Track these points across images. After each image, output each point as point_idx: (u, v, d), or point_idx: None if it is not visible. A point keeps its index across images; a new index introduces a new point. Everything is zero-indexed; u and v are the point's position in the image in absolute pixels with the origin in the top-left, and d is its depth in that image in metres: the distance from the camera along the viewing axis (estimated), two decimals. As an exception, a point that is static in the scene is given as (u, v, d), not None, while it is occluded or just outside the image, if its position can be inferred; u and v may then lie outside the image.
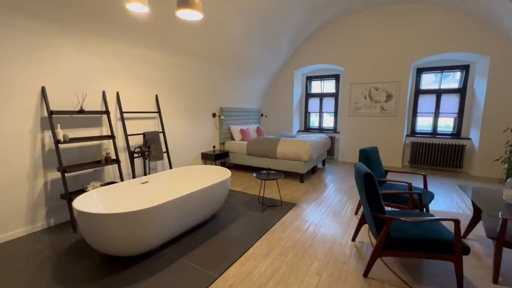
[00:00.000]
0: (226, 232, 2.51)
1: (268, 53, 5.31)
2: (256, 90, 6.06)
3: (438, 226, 1.88)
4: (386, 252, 1.80)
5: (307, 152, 4.06)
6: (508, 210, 1.86)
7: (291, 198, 3.47)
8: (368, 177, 1.83)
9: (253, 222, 2.74)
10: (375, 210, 1.85)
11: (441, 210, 3.10)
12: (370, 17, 5.26)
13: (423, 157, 5.20)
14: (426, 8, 4.75)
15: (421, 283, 1.79)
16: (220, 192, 2.63)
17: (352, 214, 2.97)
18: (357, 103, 5.65)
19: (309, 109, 6.75)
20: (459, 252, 1.66)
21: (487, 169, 4.64)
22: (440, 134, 5.29)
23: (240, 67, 5.03)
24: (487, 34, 4.36)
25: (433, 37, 4.76)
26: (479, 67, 4.71)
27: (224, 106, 5.05)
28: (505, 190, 2.00)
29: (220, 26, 3.82)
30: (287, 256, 2.12)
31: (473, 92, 4.88)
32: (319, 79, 6.49)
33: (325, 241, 2.36)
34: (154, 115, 3.67)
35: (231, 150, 4.86)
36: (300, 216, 2.92)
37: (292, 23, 4.87)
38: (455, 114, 5.13)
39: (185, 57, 3.82)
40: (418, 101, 5.40)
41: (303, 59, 6.16)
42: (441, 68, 5.12)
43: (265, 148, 4.44)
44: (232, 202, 3.30)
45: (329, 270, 1.94)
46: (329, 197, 3.53)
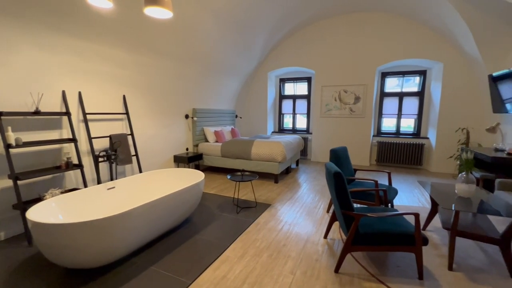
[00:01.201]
0: (199, 236, 2.45)
1: (242, 55, 5.32)
2: (230, 91, 6.03)
3: (401, 220, 2.01)
4: (355, 247, 1.89)
5: (281, 153, 4.13)
6: (460, 203, 2.04)
7: (266, 199, 3.49)
8: (337, 176, 1.90)
9: (228, 224, 2.71)
10: (344, 207, 1.93)
11: (404, 205, 3.32)
12: (338, 24, 5.50)
13: (388, 155, 5.55)
14: (388, 16, 5.09)
15: (386, 274, 1.90)
16: (193, 195, 2.56)
17: (324, 212, 3.07)
18: (328, 105, 5.88)
19: (283, 111, 6.87)
20: (419, 244, 1.80)
21: (443, 165, 5.08)
22: (403, 134, 5.69)
23: (213, 68, 4.97)
24: (441, 42, 4.79)
25: (395, 44, 5.12)
26: (435, 73, 5.16)
27: (197, 107, 4.95)
28: (457, 184, 2.21)
29: (192, 26, 3.74)
30: (262, 257, 2.12)
31: (430, 95, 5.33)
32: (292, 81, 6.64)
33: (298, 240, 2.41)
34: (122, 116, 3.48)
35: (205, 152, 4.78)
36: (275, 216, 2.95)
37: (266, 26, 4.93)
38: (415, 115, 5.55)
39: (155, 56, 3.68)
40: (383, 103, 5.76)
41: (276, 61, 6.26)
42: (403, 72, 5.52)
43: (239, 149, 4.43)
44: (206, 205, 3.24)
45: (303, 268, 1.99)
46: (302, 197, 3.62)
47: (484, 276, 1.87)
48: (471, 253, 2.17)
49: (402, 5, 4.59)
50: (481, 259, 2.09)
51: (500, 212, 1.87)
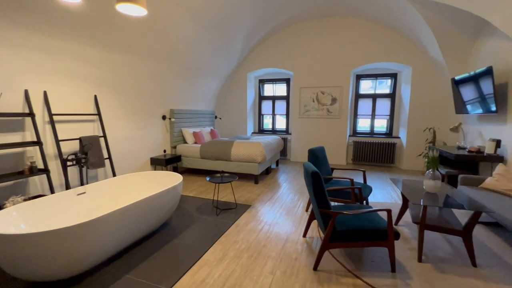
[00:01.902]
0: (177, 241, 2.38)
1: (220, 55, 5.27)
2: (209, 92, 5.95)
3: (375, 216, 2.10)
4: (333, 244, 1.94)
5: (261, 153, 4.14)
6: (428, 198, 2.18)
7: (246, 200, 3.48)
8: (315, 176, 1.94)
9: (207, 227, 2.66)
10: (322, 206, 1.97)
11: (379, 202, 3.47)
12: (316, 27, 5.64)
13: (364, 154, 5.78)
14: (362, 22, 5.31)
15: (362, 269, 1.97)
16: (170, 198, 2.49)
17: (303, 211, 3.12)
18: (306, 106, 6.00)
19: (262, 111, 6.90)
20: (391, 238, 1.88)
21: (413, 163, 5.39)
22: (376, 134, 5.96)
23: (191, 68, 4.87)
24: (410, 47, 5.09)
25: (368, 48, 5.35)
26: (404, 75, 5.46)
27: (175, 108, 4.82)
28: (425, 181, 2.35)
29: (168, 24, 3.64)
30: (242, 259, 2.11)
31: (400, 97, 5.63)
32: (271, 82, 6.70)
33: (278, 240, 2.43)
34: (93, 117, 3.30)
35: (184, 154, 4.67)
36: (255, 217, 2.95)
37: (244, 26, 4.93)
38: (387, 116, 5.84)
39: (129, 54, 3.53)
40: (358, 104, 6.00)
41: (255, 62, 6.28)
42: (376, 75, 5.79)
43: (219, 150, 4.38)
44: (184, 208, 3.16)
45: (282, 267, 2.00)
46: (282, 196, 3.65)
47: (449, 266, 2.01)
48: (438, 245, 2.31)
49: (375, 12, 4.82)
50: (447, 250, 2.23)
51: (463, 206, 2.02)
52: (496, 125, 3.57)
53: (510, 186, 2.61)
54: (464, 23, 3.86)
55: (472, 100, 3.77)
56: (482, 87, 3.47)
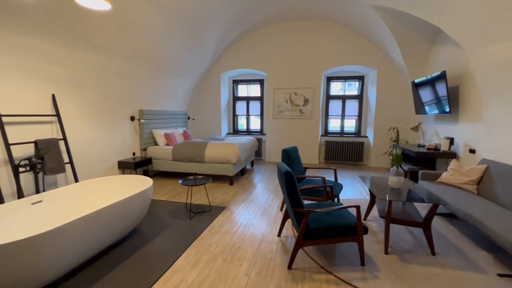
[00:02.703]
0: (148, 248, 2.27)
1: (193, 54, 5.14)
2: (182, 92, 5.78)
3: (345, 213, 2.18)
4: (306, 242, 1.97)
5: (235, 154, 4.11)
6: (392, 193, 2.31)
7: (221, 202, 3.43)
8: (288, 176, 1.97)
9: (180, 231, 2.57)
10: (295, 205, 2.00)
11: (349, 198, 3.63)
12: (288, 29, 5.75)
13: (335, 153, 6.01)
14: (332, 25, 5.52)
15: (334, 264, 2.04)
16: (139, 204, 2.36)
17: (278, 211, 3.15)
18: (280, 107, 6.09)
19: (236, 112, 6.87)
20: (360, 233, 1.97)
21: (379, 161, 5.72)
22: (346, 134, 6.24)
23: (162, 67, 4.69)
24: (375, 51, 5.40)
25: (338, 51, 5.58)
26: (371, 78, 5.78)
27: (144, 109, 4.61)
28: (390, 177, 2.49)
29: (136, 21, 3.47)
30: (216, 262, 2.07)
31: (367, 98, 5.95)
32: (245, 83, 6.69)
33: (253, 241, 2.42)
34: (51, 118, 3.03)
35: (155, 156, 4.48)
36: (230, 218, 2.91)
37: (217, 26, 4.86)
38: (356, 116, 6.13)
39: (93, 51, 3.29)
40: (329, 105, 6.23)
41: (229, 63, 6.23)
42: (345, 77, 6.05)
43: (192, 152, 4.27)
44: (156, 213, 3.03)
45: (257, 268, 2.00)
46: (257, 197, 3.66)
47: (412, 256, 2.15)
48: (402, 237, 2.47)
49: (343, 17, 5.03)
50: (410, 241, 2.39)
51: (424, 199, 2.18)
52: (450, 125, 3.92)
53: (462, 180, 2.87)
54: (422, 30, 4.19)
55: (430, 102, 4.10)
56: (438, 90, 3.79)
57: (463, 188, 2.85)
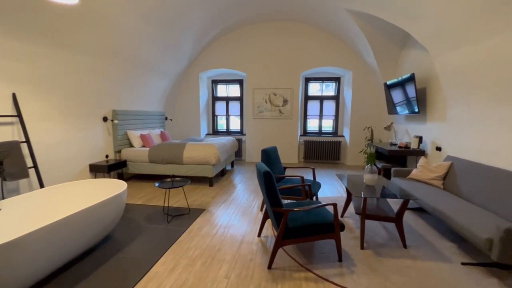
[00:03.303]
0: (122, 254, 2.16)
1: (170, 53, 4.99)
2: (158, 92, 5.59)
3: (323, 211, 2.22)
4: (286, 241, 1.99)
5: (215, 155, 4.06)
6: (367, 191, 2.40)
7: (200, 204, 3.36)
8: (267, 176, 1.97)
9: (157, 236, 2.48)
10: (274, 205, 2.01)
11: (327, 196, 3.72)
12: (267, 30, 5.79)
13: (313, 153, 6.14)
14: (310, 28, 5.63)
15: (313, 262, 2.07)
16: (112, 209, 2.24)
17: (258, 211, 3.15)
18: (260, 107, 6.11)
19: (216, 112, 6.79)
20: (337, 230, 2.02)
21: (355, 159, 5.94)
22: (324, 133, 6.40)
23: (137, 66, 4.50)
24: (351, 53, 5.59)
25: (315, 53, 5.70)
26: (346, 79, 5.98)
27: (118, 109, 4.40)
28: (365, 175, 2.59)
29: (107, 16, 3.29)
30: (195, 266, 2.02)
31: (344, 99, 6.15)
32: (225, 83, 6.64)
33: (233, 242, 2.40)
34: (12, 119, 2.79)
35: (130, 159, 4.29)
36: (209, 221, 2.86)
37: (194, 25, 4.76)
38: (333, 116, 6.32)
39: (60, 47, 3.08)
40: (307, 105, 6.35)
41: (208, 62, 6.14)
42: (322, 78, 6.21)
43: (170, 153, 4.15)
44: (131, 218, 2.90)
45: (237, 270, 1.98)
46: (237, 198, 3.63)
47: (386, 249, 2.25)
48: (377, 232, 2.57)
49: (319, 20, 5.16)
50: (384, 235, 2.50)
51: (397, 195, 2.28)
52: (419, 124, 4.16)
53: (430, 176, 3.06)
54: (393, 35, 4.41)
55: (401, 102, 4.33)
56: (408, 91, 4.00)
57: (431, 183, 3.03)
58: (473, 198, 2.51)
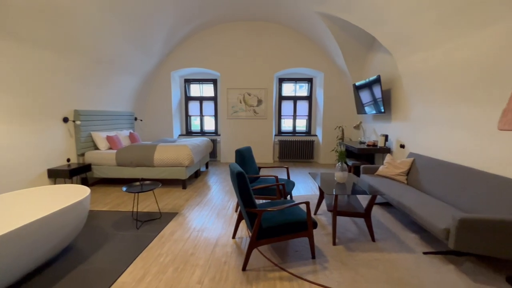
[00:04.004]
0: (85, 266, 2.00)
1: (139, 51, 4.75)
2: (127, 91, 5.30)
3: (296, 209, 2.25)
4: (260, 242, 1.98)
5: (188, 156, 3.94)
6: (338, 188, 2.48)
7: (172, 207, 3.24)
8: (240, 176, 1.94)
9: (125, 244, 2.34)
10: (248, 205, 1.99)
11: (301, 195, 3.79)
12: (241, 29, 5.76)
13: (288, 152, 6.24)
14: (283, 28, 5.70)
15: (287, 260, 2.09)
16: (73, 217, 2.07)
17: (233, 212, 3.12)
18: (234, 107, 6.06)
19: (189, 112, 6.62)
20: (310, 228, 2.06)
21: (328, 157, 6.14)
22: (298, 133, 6.53)
23: (102, 63, 4.22)
24: (322, 55, 5.76)
25: (288, 54, 5.79)
26: (318, 80, 6.16)
27: (81, 109, 4.08)
28: (336, 173, 2.67)
29: (67, 9, 3.04)
30: (166, 273, 1.93)
31: (316, 99, 6.33)
32: (198, 82, 6.49)
33: (207, 245, 2.34)
34: (-50, 121, 2.45)
35: (95, 162, 4.01)
36: (182, 224, 2.77)
37: (166, 21, 4.58)
38: (306, 116, 6.47)
39: (12, 41, 2.78)
40: (282, 105, 6.44)
41: (180, 61, 5.95)
42: (295, 79, 6.33)
43: (140, 155, 3.95)
44: (96, 226, 2.70)
45: (211, 274, 1.93)
46: (212, 199, 3.56)
47: (356, 244, 2.34)
48: (348, 227, 2.67)
49: (292, 21, 5.25)
50: (354, 231, 2.60)
51: (366, 192, 2.38)
52: (385, 123, 4.41)
53: (395, 172, 3.25)
54: (361, 38, 4.62)
55: (368, 103, 4.55)
56: (374, 92, 4.22)
57: (396, 179, 3.22)
58: (433, 191, 2.71)
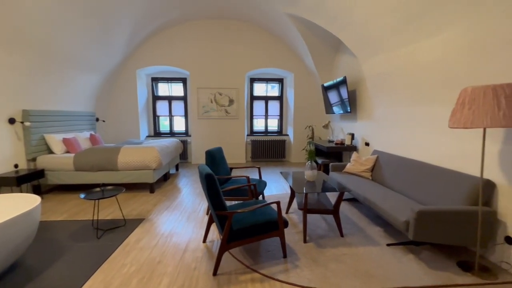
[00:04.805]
0: (35, 284, 1.79)
1: (100, 46, 4.40)
2: (87, 90, 4.89)
3: (268, 209, 2.24)
4: (231, 244, 1.93)
5: (156, 158, 3.75)
6: (308, 186, 2.52)
7: (139, 213, 3.06)
8: (209, 178, 1.88)
9: (83, 256, 2.14)
10: (218, 208, 1.93)
11: (274, 194, 3.80)
12: (211, 27, 5.64)
13: (260, 152, 6.26)
14: (254, 28, 5.70)
15: (259, 261, 2.07)
16: (19, 230, 1.84)
17: (204, 215, 3.02)
18: (205, 107, 5.92)
19: (158, 113, 6.33)
20: (281, 227, 2.06)
21: (299, 156, 6.27)
22: (270, 132, 6.59)
23: (56, 59, 3.83)
24: (293, 56, 5.86)
25: (260, 54, 5.81)
26: (289, 81, 6.27)
27: (31, 109, 3.67)
28: (306, 171, 2.72)
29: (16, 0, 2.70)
30: (130, 285, 1.80)
31: (287, 99, 6.43)
32: (166, 81, 6.23)
33: (176, 251, 2.23)
34: None
35: (49, 167, 3.64)
36: (149, 231, 2.61)
37: (130, 15, 4.31)
38: (278, 116, 6.55)
39: None
40: (253, 105, 6.44)
41: (146, 59, 5.66)
42: (267, 79, 6.37)
43: (101, 159, 3.67)
44: (50, 238, 2.44)
45: (180, 281, 1.83)
46: (182, 203, 3.43)
47: (326, 240, 2.40)
48: (318, 224, 2.73)
49: (263, 21, 5.27)
50: (324, 227, 2.67)
51: (336, 189, 2.45)
52: (351, 122, 4.61)
53: (361, 169, 3.40)
54: (328, 39, 4.78)
55: (336, 103, 4.73)
56: (341, 93, 4.40)
57: (361, 175, 3.37)
58: (395, 186, 2.88)
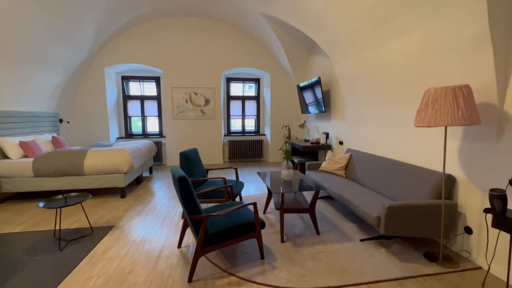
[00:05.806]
0: (-17, 306, 1.59)
1: (62, 41, 4.07)
2: (48, 89, 4.50)
3: (245, 211, 2.21)
4: (207, 249, 1.87)
5: (127, 161, 3.55)
6: (285, 186, 2.53)
7: (108, 220, 2.87)
8: (182, 181, 1.80)
9: (42, 271, 1.95)
10: (192, 212, 1.86)
11: (251, 194, 3.78)
12: (186, 25, 5.48)
13: (238, 152, 6.21)
14: (229, 28, 5.63)
15: (236, 264, 2.03)
16: (-37, 246, 1.62)
17: (180, 219, 2.92)
18: (180, 107, 5.75)
19: (129, 113, 6.02)
20: (258, 229, 2.04)
21: (276, 156, 6.32)
22: (247, 132, 6.56)
23: (11, 56, 3.47)
24: (268, 56, 5.88)
25: (236, 53, 5.76)
26: (265, 81, 6.29)
27: (-20, 109, 3.31)
28: (282, 171, 2.73)
29: None
30: (97, 299, 1.67)
31: (264, 99, 6.45)
32: (138, 80, 5.95)
33: (149, 259, 2.12)
34: None
35: (3, 174, 3.29)
36: (119, 239, 2.46)
37: (97, 8, 4.03)
38: (255, 116, 6.54)
39: None
40: (230, 105, 6.37)
41: (115, 56, 5.36)
42: (243, 79, 6.34)
43: (65, 163, 3.39)
44: (2, 253, 2.20)
45: (152, 291, 1.74)
46: (155, 207, 3.28)
47: (302, 239, 2.42)
48: (295, 223, 2.75)
49: (239, 21, 5.22)
50: (301, 226, 2.69)
51: (312, 187, 2.48)
52: (326, 122, 4.73)
53: (335, 167, 3.50)
54: (303, 40, 4.86)
55: (311, 103, 4.82)
56: (316, 93, 4.49)
57: (336, 173, 3.47)
58: (367, 183, 2.99)
